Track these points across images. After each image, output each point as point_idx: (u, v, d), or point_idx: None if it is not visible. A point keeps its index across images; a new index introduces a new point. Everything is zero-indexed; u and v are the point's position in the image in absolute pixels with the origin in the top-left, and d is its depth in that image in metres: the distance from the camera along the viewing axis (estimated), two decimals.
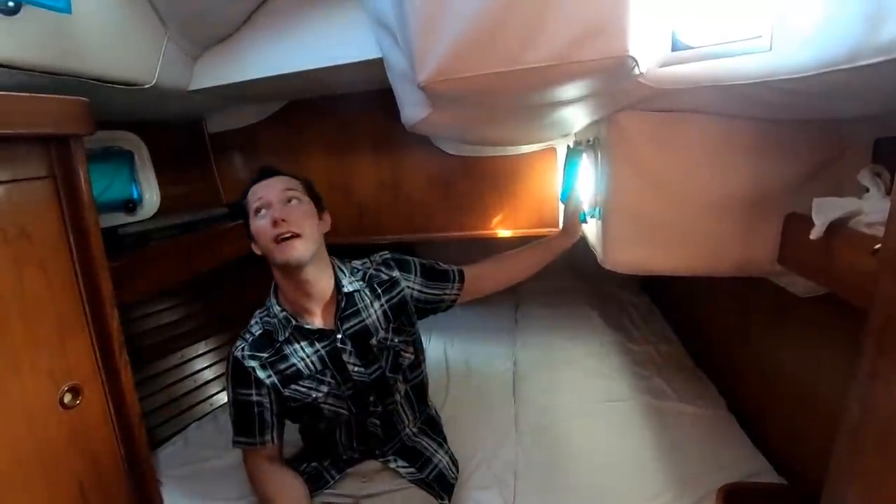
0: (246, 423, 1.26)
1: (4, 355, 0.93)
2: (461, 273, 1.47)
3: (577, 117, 1.19)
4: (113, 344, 1.13)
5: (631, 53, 0.69)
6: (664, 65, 0.79)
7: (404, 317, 1.35)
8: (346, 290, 1.28)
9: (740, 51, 0.71)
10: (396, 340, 1.32)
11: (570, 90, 0.84)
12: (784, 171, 1.00)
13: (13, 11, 0.94)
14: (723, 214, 1.05)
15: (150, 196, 1.91)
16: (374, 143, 2.00)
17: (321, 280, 1.25)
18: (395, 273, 1.35)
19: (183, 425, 1.91)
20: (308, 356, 1.25)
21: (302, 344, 1.25)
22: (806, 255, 0.92)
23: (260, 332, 1.28)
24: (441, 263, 1.45)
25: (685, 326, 2.38)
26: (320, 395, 1.25)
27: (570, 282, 3.19)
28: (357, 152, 2.03)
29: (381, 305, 1.31)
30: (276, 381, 1.24)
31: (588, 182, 1.39)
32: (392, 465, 1.33)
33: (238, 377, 1.26)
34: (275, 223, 1.16)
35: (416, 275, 1.38)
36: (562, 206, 1.54)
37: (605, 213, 1.16)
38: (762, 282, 1.37)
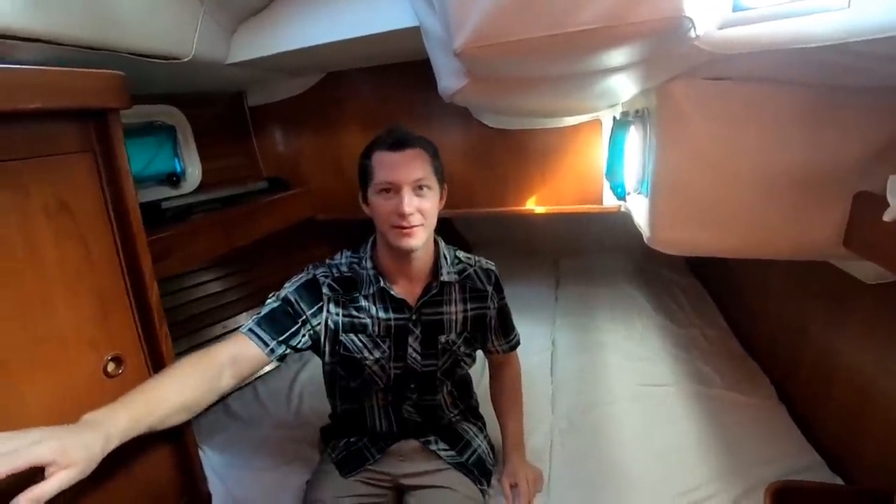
0: (278, 325, 1.15)
1: (50, 325, 0.95)
2: (517, 344, 1.44)
3: (624, 87, 1.11)
4: (153, 316, 1.15)
5: (686, 14, 0.63)
6: (723, 27, 0.71)
7: (479, 332, 1.33)
8: (442, 278, 1.24)
9: (813, 9, 0.63)
10: (462, 349, 1.30)
11: (619, 56, 0.78)
12: (853, 145, 0.90)
13: None
14: (781, 192, 0.97)
15: (193, 170, 1.94)
16: (412, 116, 1.96)
17: (422, 260, 1.23)
18: (490, 288, 1.31)
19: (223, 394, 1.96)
20: (378, 319, 1.23)
21: (378, 306, 1.23)
22: (877, 238, 0.84)
23: (347, 274, 1.24)
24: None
25: (735, 310, 2.27)
26: (370, 358, 1.23)
27: (614, 260, 3.10)
28: None
29: (465, 311, 1.29)
30: (341, 321, 1.22)
31: (635, 156, 1.31)
32: (432, 447, 1.33)
33: (307, 291, 1.20)
34: (402, 215, 1.10)
35: (499, 303, 1.35)
36: (606, 184, 1.47)
37: (653, 190, 1.09)
38: (823, 265, 1.27)
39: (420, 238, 1.14)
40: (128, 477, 1.08)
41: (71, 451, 0.72)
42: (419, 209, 1.12)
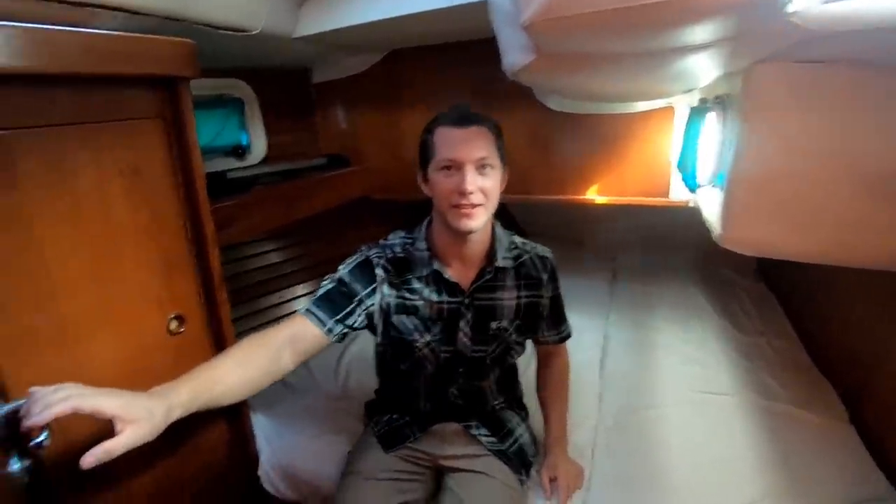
0: (334, 305, 1.17)
1: (118, 282, 1.01)
2: (568, 336, 1.40)
3: (704, 69, 1.03)
4: (214, 280, 1.20)
5: None
6: (826, 1, 0.63)
7: (531, 320, 1.30)
8: (497, 264, 1.21)
9: None
10: (513, 337, 1.27)
11: (700, 32, 0.71)
12: None
13: None
14: (878, 192, 0.87)
15: (258, 143, 2.00)
16: (473, 96, 1.93)
17: (478, 243, 1.20)
18: (545, 276, 1.27)
19: None
20: (431, 301, 1.21)
21: (431, 288, 1.21)
22: None
23: (401, 255, 1.23)
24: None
25: (807, 320, 2.10)
26: (421, 341, 1.22)
27: (676, 257, 2.95)
28: None
29: (518, 297, 1.25)
30: (393, 303, 1.21)
31: (712, 146, 1.22)
32: (473, 432, 1.31)
33: (361, 272, 1.20)
34: (463, 193, 1.07)
35: (553, 292, 1.31)
36: (676, 174, 1.39)
37: (730, 183, 1.00)
38: None
39: (480, 219, 1.11)
40: (184, 431, 1.14)
41: (134, 409, 0.78)
42: (481, 188, 1.09)
